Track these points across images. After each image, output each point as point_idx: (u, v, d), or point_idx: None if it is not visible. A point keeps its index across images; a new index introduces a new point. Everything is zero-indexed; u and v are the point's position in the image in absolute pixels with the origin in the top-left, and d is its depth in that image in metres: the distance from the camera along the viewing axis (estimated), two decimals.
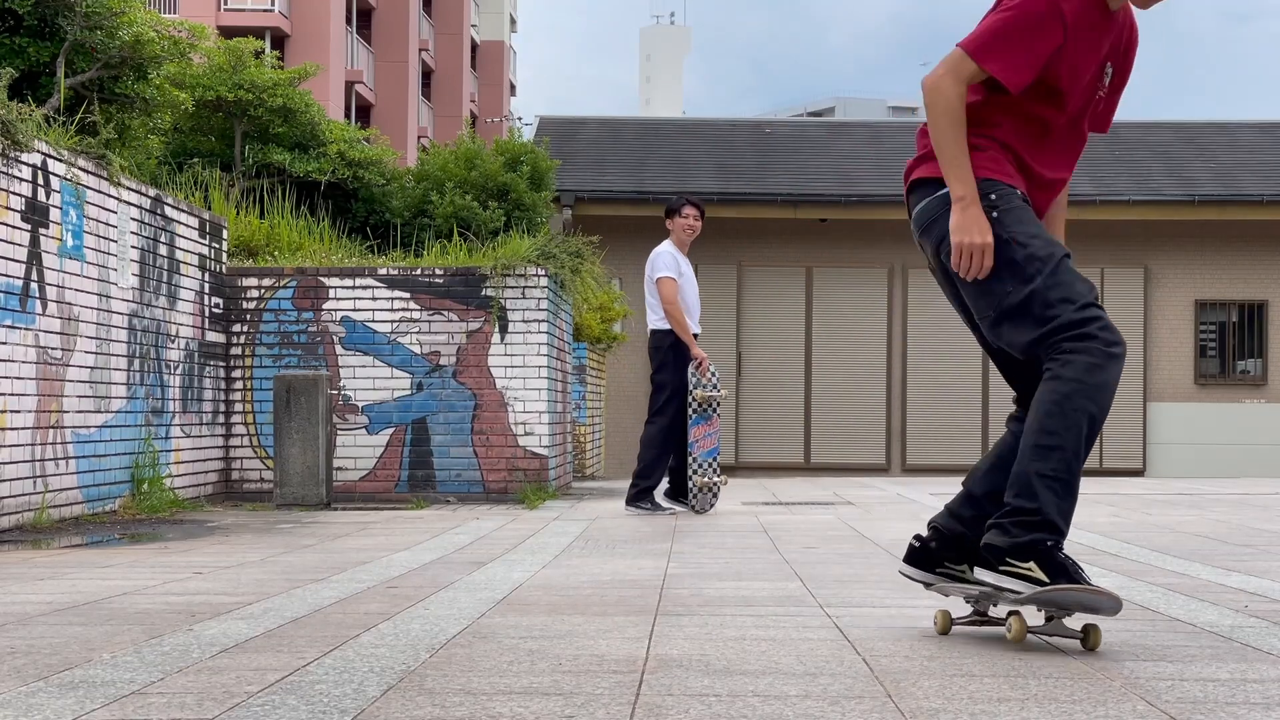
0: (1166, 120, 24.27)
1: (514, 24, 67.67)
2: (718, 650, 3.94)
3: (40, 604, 5.04)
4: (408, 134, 49.04)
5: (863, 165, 22.26)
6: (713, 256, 21.37)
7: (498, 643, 4.09)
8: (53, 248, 9.11)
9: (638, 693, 3.32)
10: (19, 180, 8.69)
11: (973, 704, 3.19)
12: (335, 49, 44.30)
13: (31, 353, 8.85)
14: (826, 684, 3.44)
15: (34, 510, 8.82)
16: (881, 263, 21.39)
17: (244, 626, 4.43)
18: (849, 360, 21.26)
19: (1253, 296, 21.61)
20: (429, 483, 11.88)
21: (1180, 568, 6.27)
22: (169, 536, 8.30)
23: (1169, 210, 21.02)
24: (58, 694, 3.30)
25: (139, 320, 10.45)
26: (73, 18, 12.03)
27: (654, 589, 5.45)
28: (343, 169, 17.27)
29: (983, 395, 21.39)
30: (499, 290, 11.93)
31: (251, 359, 12.11)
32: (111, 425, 9.99)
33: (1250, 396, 21.61)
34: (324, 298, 12.05)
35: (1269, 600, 5.11)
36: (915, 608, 4.89)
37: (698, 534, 8.25)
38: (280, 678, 3.51)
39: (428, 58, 54.84)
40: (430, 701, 3.21)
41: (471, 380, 11.93)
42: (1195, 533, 8.32)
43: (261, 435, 12.04)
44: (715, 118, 25.24)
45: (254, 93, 16.70)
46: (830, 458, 20.92)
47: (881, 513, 10.10)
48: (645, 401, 21.27)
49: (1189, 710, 3.13)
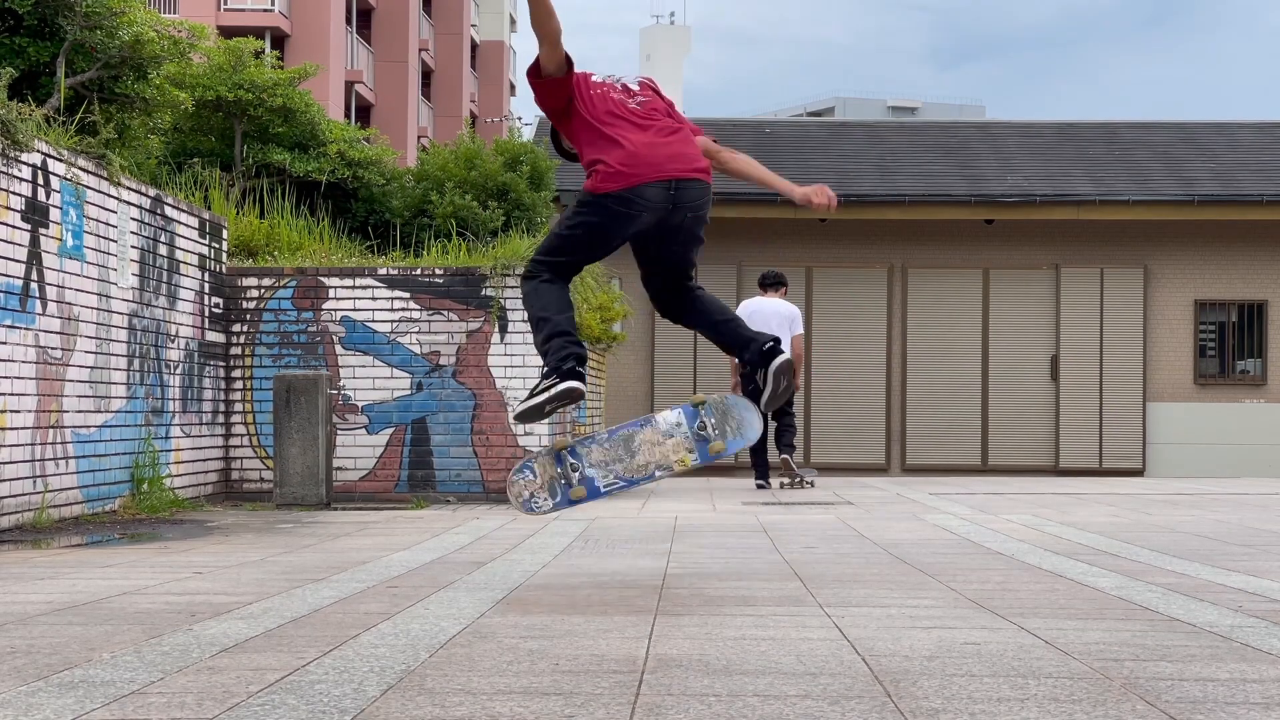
0: (1166, 120, 24.27)
1: (514, 24, 67.64)
2: (718, 650, 3.94)
3: (40, 604, 5.04)
4: (408, 134, 49.04)
5: (863, 165, 22.26)
6: (713, 256, 21.36)
7: (498, 643, 4.09)
8: (53, 247, 9.11)
9: (637, 693, 3.32)
10: (19, 180, 8.69)
11: (973, 704, 3.19)
12: (335, 49, 44.30)
13: (31, 353, 8.85)
14: (826, 684, 3.44)
15: (34, 510, 8.82)
16: (881, 263, 21.40)
17: (244, 626, 4.43)
18: (848, 360, 21.26)
19: (1252, 296, 21.61)
20: (429, 483, 11.88)
21: (1180, 568, 6.27)
22: (169, 536, 8.30)
23: (1169, 210, 21.02)
24: (58, 694, 3.30)
25: (139, 320, 10.45)
26: (73, 18, 12.03)
27: (654, 589, 5.45)
28: (343, 169, 17.27)
29: (983, 395, 21.39)
30: (499, 290, 11.93)
31: (251, 359, 12.11)
32: (111, 425, 9.99)
33: (1250, 396, 21.61)
34: (324, 298, 12.05)
35: (1269, 600, 5.11)
36: (915, 607, 4.89)
37: (698, 534, 8.26)
38: (280, 677, 3.52)
39: (428, 58, 54.84)
40: (430, 701, 3.21)
41: (471, 380, 11.93)
42: (1195, 533, 8.32)
43: (261, 435, 12.04)
44: (715, 118, 25.24)
45: (254, 93, 16.69)
46: (830, 458, 20.91)
47: (881, 513, 10.10)
48: (645, 401, 21.30)
49: (1189, 710, 3.13)
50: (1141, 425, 21.33)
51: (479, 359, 11.94)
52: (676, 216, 5.81)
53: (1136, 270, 21.39)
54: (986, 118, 63.66)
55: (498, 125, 49.25)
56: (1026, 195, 20.92)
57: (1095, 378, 21.31)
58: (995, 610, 4.83)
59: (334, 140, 17.47)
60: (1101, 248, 21.49)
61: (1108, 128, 23.90)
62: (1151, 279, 21.52)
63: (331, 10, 44.37)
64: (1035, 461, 21.24)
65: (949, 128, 24.70)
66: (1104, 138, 23.35)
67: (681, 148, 5.85)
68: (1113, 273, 21.36)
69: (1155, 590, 5.40)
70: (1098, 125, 24.09)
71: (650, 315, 21.16)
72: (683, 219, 5.83)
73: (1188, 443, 21.34)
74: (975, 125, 25.07)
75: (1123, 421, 21.29)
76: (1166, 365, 21.53)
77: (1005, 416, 21.38)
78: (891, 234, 21.25)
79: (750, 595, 5.25)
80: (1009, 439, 21.35)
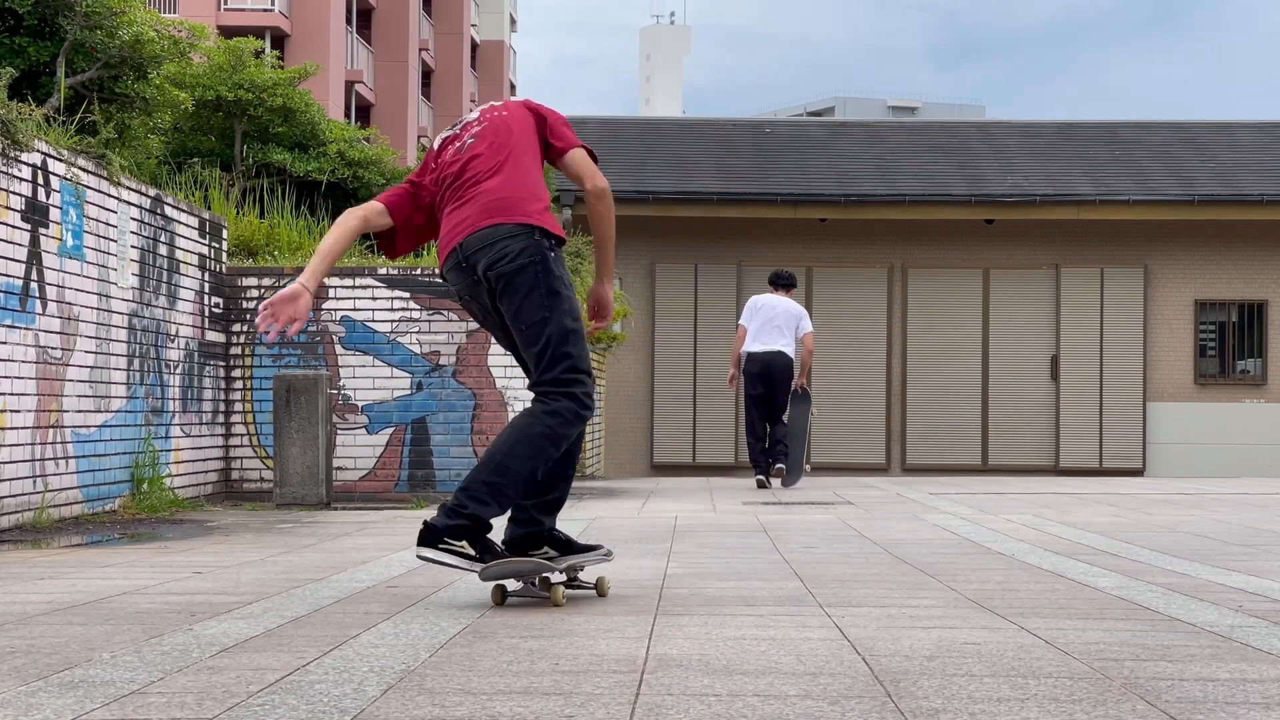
0: (1166, 120, 24.27)
1: (514, 24, 67.66)
2: (718, 650, 3.94)
3: (40, 604, 5.04)
4: (408, 134, 49.04)
5: (863, 165, 22.25)
6: (713, 256, 21.37)
7: (498, 642, 4.09)
8: (53, 247, 9.11)
9: (637, 693, 3.32)
10: (19, 180, 8.68)
11: (973, 704, 3.19)
12: (335, 49, 44.29)
13: (31, 352, 8.85)
14: (826, 684, 3.44)
15: (34, 510, 8.82)
16: (881, 263, 21.39)
17: (244, 626, 4.43)
18: (848, 360, 21.26)
19: (1252, 296, 21.61)
20: (429, 482, 11.88)
21: (1180, 568, 6.27)
22: (169, 536, 8.30)
23: (1169, 210, 21.02)
24: (58, 694, 3.30)
25: (139, 320, 10.45)
26: (73, 18, 12.03)
27: (654, 589, 5.45)
28: (343, 169, 17.27)
29: (983, 395, 21.39)
30: None
31: (251, 359, 12.11)
32: (111, 425, 9.99)
33: (1250, 396, 21.61)
34: (324, 297, 12.05)
35: (1269, 600, 5.11)
36: (915, 607, 4.89)
37: (698, 534, 8.26)
38: (280, 677, 3.52)
39: (428, 57, 54.84)
40: (430, 701, 3.21)
41: (471, 380, 11.93)
42: (1195, 533, 8.32)
43: (261, 435, 12.04)
44: (715, 117, 25.23)
45: (254, 92, 16.69)
46: (830, 458, 20.91)
47: (881, 513, 10.10)
48: (646, 401, 21.30)
49: (1189, 710, 3.13)
50: (1141, 425, 21.33)
51: (479, 359, 11.94)
52: (475, 276, 5.01)
53: (1136, 270, 21.39)
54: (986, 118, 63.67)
55: None
56: (1026, 195, 20.92)
57: (1095, 378, 21.31)
58: (995, 610, 4.83)
59: (334, 140, 17.47)
60: (1101, 248, 21.50)
61: (1108, 128, 23.90)
62: (1151, 279, 21.52)
63: (331, 10, 44.37)
64: (1035, 461, 21.24)
65: (949, 128, 24.70)
66: (1104, 138, 23.34)
67: (469, 211, 5.03)
68: (1113, 273, 21.36)
69: (1155, 590, 5.40)
70: (1098, 125, 24.09)
71: (650, 315, 21.16)
72: (481, 277, 4.98)
73: (1188, 443, 21.34)
74: (975, 125, 25.07)
75: (1123, 421, 21.29)
76: (1166, 365, 21.53)
77: (1005, 416, 21.38)
78: (891, 234, 21.25)
79: (750, 595, 5.25)
80: (1009, 439, 21.35)
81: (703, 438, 21.14)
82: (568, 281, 5.02)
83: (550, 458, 4.94)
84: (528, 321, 4.93)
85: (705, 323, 21.18)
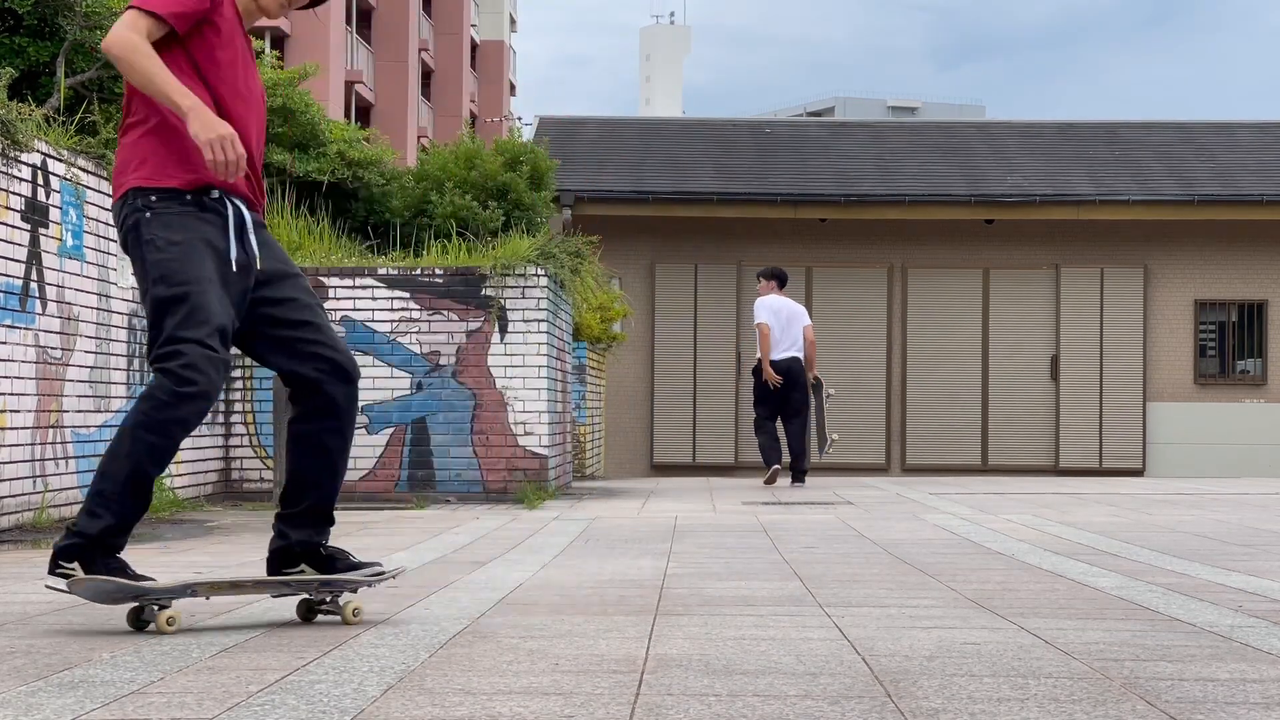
0: (1166, 120, 24.28)
1: (514, 24, 67.67)
2: (718, 650, 3.94)
3: (40, 604, 5.04)
4: (408, 134, 49.05)
5: (863, 165, 22.26)
6: (713, 256, 21.37)
7: (498, 642, 4.09)
8: (52, 247, 9.11)
9: (637, 692, 3.32)
10: (19, 180, 8.69)
11: (973, 704, 3.19)
12: (335, 49, 44.30)
13: (31, 352, 8.85)
14: (826, 684, 3.44)
15: (34, 510, 8.82)
16: (881, 263, 21.40)
17: (244, 626, 4.43)
18: (849, 360, 21.26)
19: (1252, 296, 21.61)
20: (429, 483, 11.88)
21: (1180, 567, 6.27)
22: (169, 536, 8.30)
23: (1169, 210, 21.02)
24: (58, 694, 3.29)
25: (139, 320, 10.45)
26: (73, 17, 12.03)
27: (654, 589, 5.45)
28: (343, 169, 17.27)
29: (982, 395, 21.40)
30: (499, 290, 11.93)
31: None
32: (111, 425, 9.98)
33: (1250, 396, 21.61)
34: (324, 297, 12.04)
35: (1269, 600, 5.11)
36: (915, 607, 4.89)
37: (698, 534, 8.26)
38: (280, 677, 3.51)
39: (428, 58, 54.84)
40: (430, 701, 3.21)
41: (471, 380, 11.93)
42: (1195, 532, 8.32)
43: (261, 435, 12.04)
44: (715, 117, 25.24)
45: None
46: (830, 457, 20.92)
47: (881, 513, 10.10)
48: (645, 401, 21.30)
49: (1189, 710, 3.13)
50: (1141, 425, 21.33)
51: (479, 359, 11.93)
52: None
53: (1136, 270, 21.39)
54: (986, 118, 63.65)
55: (497, 125, 49.27)
56: (1026, 195, 20.92)
57: (1095, 378, 21.31)
58: (995, 610, 4.83)
59: (334, 140, 17.47)
60: (1101, 248, 21.50)
61: (1108, 128, 23.90)
62: (1151, 279, 21.52)
63: (331, 10, 44.36)
64: (1035, 461, 21.24)
65: (949, 128, 24.70)
66: (1104, 138, 23.35)
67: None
68: (1113, 273, 21.37)
69: (1155, 590, 5.40)
70: (1098, 125, 24.09)
71: (650, 315, 21.17)
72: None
73: (1188, 443, 21.35)
74: (975, 125, 25.08)
75: (1123, 421, 21.29)
76: (1166, 365, 21.53)
77: (1005, 416, 21.39)
78: (891, 234, 21.25)
79: (750, 595, 5.25)
80: (1009, 439, 21.35)
81: (703, 438, 21.15)
82: (167, 239, 4.34)
83: (159, 448, 4.30)
84: (143, 299, 4.41)
85: (705, 323, 21.19)
